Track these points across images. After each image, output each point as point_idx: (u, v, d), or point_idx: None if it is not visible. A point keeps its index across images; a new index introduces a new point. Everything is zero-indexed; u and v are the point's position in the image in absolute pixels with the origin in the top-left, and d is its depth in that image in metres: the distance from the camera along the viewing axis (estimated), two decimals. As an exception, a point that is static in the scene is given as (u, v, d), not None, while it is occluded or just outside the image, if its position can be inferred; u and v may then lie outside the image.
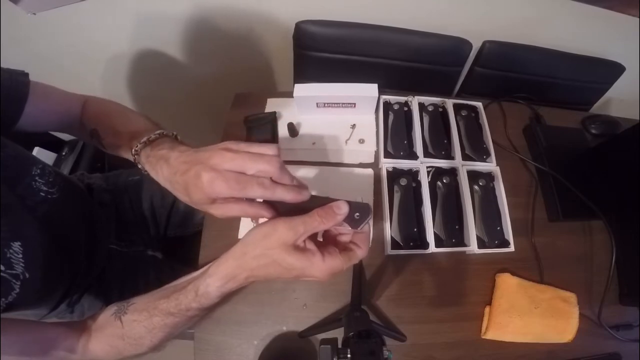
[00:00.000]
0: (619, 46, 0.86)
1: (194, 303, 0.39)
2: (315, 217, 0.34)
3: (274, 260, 0.34)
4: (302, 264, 0.34)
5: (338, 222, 0.35)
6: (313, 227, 0.34)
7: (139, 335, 0.41)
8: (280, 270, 0.35)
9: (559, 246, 0.65)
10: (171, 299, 0.40)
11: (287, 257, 0.34)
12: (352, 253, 0.36)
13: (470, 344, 0.57)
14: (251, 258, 0.35)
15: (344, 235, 0.38)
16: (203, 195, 0.33)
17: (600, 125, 0.78)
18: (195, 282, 0.39)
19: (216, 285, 0.38)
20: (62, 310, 0.63)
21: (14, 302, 0.42)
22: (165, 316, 0.40)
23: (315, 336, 0.52)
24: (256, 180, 0.33)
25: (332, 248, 0.36)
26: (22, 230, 0.44)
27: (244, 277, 0.37)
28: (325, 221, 0.34)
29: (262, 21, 0.87)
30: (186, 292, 0.40)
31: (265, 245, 0.34)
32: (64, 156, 1.21)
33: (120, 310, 0.42)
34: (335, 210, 0.34)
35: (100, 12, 0.81)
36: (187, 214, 0.80)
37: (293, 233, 0.33)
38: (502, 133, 0.74)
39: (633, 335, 0.60)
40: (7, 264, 0.41)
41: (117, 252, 0.71)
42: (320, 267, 0.34)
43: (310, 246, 0.35)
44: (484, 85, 0.90)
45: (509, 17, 0.82)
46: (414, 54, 0.85)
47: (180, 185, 0.36)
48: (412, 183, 0.64)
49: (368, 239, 0.38)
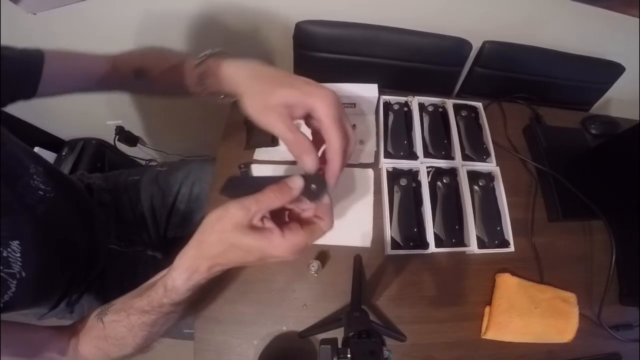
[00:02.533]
0: (619, 46, 0.86)
1: (165, 299, 0.38)
2: (268, 193, 0.32)
3: (231, 244, 0.33)
4: (260, 243, 0.32)
5: (294, 197, 0.33)
6: (267, 203, 0.32)
7: (121, 335, 0.40)
8: (241, 254, 0.33)
9: (559, 246, 0.65)
10: (144, 297, 0.40)
11: (243, 238, 0.32)
12: (315, 227, 0.35)
13: (470, 344, 0.57)
14: (208, 246, 0.34)
15: (307, 212, 0.36)
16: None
17: (600, 125, 0.78)
18: (164, 278, 0.38)
19: (182, 278, 0.36)
20: (62, 310, 0.63)
21: (10, 302, 0.42)
22: (141, 314, 0.40)
23: (315, 336, 0.52)
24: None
25: (292, 224, 0.34)
26: (21, 229, 0.44)
27: (206, 267, 0.35)
28: (279, 196, 0.32)
29: (262, 21, 0.87)
30: (156, 289, 0.39)
31: (219, 229, 0.33)
32: (64, 156, 1.21)
33: (102, 312, 0.42)
34: (289, 184, 0.33)
35: (100, 12, 0.81)
36: (187, 214, 0.80)
37: (245, 212, 0.32)
38: (502, 133, 0.74)
39: (633, 335, 0.60)
40: (4, 263, 0.41)
41: (117, 252, 0.71)
42: (281, 245, 0.32)
43: (268, 224, 0.33)
44: (484, 86, 0.90)
45: (509, 17, 0.82)
46: (414, 54, 0.85)
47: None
48: (412, 183, 0.64)
49: (330, 210, 0.36)
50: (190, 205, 0.79)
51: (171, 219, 0.80)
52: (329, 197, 0.35)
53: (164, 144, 1.36)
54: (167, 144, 1.35)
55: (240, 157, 0.67)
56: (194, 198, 0.79)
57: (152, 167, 0.86)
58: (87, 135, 1.28)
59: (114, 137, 1.22)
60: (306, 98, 0.36)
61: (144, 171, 0.82)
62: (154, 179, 0.80)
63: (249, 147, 0.67)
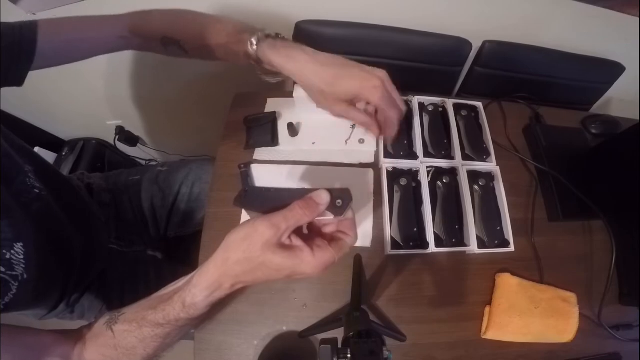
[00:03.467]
0: (619, 46, 0.86)
1: (183, 314, 0.37)
2: (296, 209, 0.32)
3: (260, 263, 0.32)
4: (291, 262, 0.32)
5: (321, 212, 0.33)
6: (296, 220, 0.32)
7: (131, 345, 0.40)
8: (269, 272, 0.33)
9: (559, 246, 0.65)
10: (158, 310, 0.38)
11: (273, 257, 0.31)
12: (342, 242, 0.35)
13: (470, 344, 0.57)
14: (234, 264, 0.33)
15: (329, 226, 0.36)
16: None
17: (600, 125, 0.78)
18: (181, 293, 0.37)
19: (203, 295, 0.36)
20: (62, 310, 0.63)
21: (10, 303, 0.41)
22: (154, 327, 0.39)
23: (315, 336, 0.52)
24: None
25: (320, 241, 0.34)
26: (23, 230, 0.44)
27: (229, 285, 0.35)
28: (307, 213, 0.32)
29: (262, 21, 0.86)
30: (173, 304, 0.38)
31: (247, 249, 0.32)
32: (64, 156, 1.21)
33: (112, 320, 0.41)
34: (316, 200, 0.33)
35: (100, 13, 0.81)
36: (187, 214, 0.80)
37: (275, 231, 0.31)
38: (502, 133, 0.74)
39: (633, 335, 0.60)
40: (7, 266, 0.40)
41: (117, 252, 0.71)
42: (311, 263, 0.32)
43: (297, 242, 0.33)
44: (484, 85, 0.90)
45: (509, 17, 0.82)
46: (414, 54, 0.85)
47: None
48: (412, 183, 0.64)
49: (354, 224, 0.36)
50: (190, 205, 0.79)
51: (171, 219, 0.80)
52: (352, 212, 0.35)
53: (164, 144, 1.36)
54: (167, 144, 1.35)
55: (240, 157, 0.67)
56: (194, 198, 0.79)
57: (152, 167, 0.86)
58: (87, 135, 1.28)
59: (114, 137, 1.22)
60: (359, 92, 0.44)
61: (144, 171, 0.82)
62: (154, 179, 0.80)
63: (249, 147, 0.67)
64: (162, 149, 1.36)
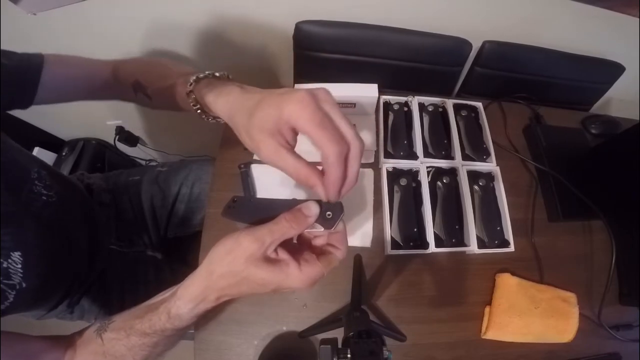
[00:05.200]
0: (619, 46, 0.86)
1: (168, 324, 0.37)
2: (282, 222, 0.31)
3: (244, 278, 0.31)
4: (276, 277, 0.31)
5: (309, 225, 0.31)
6: (281, 234, 0.31)
7: (120, 353, 0.39)
8: (253, 286, 0.32)
9: (559, 246, 0.65)
10: (145, 319, 0.38)
11: (257, 272, 0.30)
12: (331, 256, 0.33)
13: (470, 344, 0.57)
14: (218, 277, 0.32)
15: (319, 238, 0.35)
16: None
17: (600, 125, 0.78)
18: (166, 304, 0.37)
19: (187, 307, 0.35)
20: (62, 311, 0.63)
21: (6, 311, 0.41)
22: (141, 336, 0.38)
23: (315, 336, 0.52)
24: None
25: (308, 254, 0.33)
26: (25, 239, 0.43)
27: (214, 298, 0.34)
28: (294, 225, 0.31)
29: (262, 21, 0.87)
30: (159, 314, 0.37)
31: (231, 263, 0.31)
32: (64, 156, 1.21)
33: (102, 327, 0.41)
34: (304, 212, 0.31)
35: (101, 13, 0.81)
36: (187, 214, 0.80)
37: (259, 245, 0.30)
38: (502, 133, 0.74)
39: (633, 335, 0.60)
40: (4, 274, 0.40)
41: (117, 253, 0.71)
42: (298, 278, 0.31)
43: (284, 255, 0.31)
44: (484, 85, 0.90)
45: (509, 17, 0.82)
46: (414, 54, 0.85)
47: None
48: (412, 183, 0.64)
49: (345, 238, 0.34)
50: (190, 205, 0.79)
51: (171, 219, 0.80)
52: (343, 225, 0.34)
53: (164, 144, 1.36)
54: (167, 144, 1.35)
55: (240, 157, 0.67)
56: (194, 198, 0.79)
57: (152, 167, 0.86)
58: (87, 135, 1.28)
59: (114, 137, 1.22)
60: (280, 114, 0.30)
61: (144, 171, 0.82)
62: (154, 179, 0.80)
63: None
64: (162, 149, 1.36)
